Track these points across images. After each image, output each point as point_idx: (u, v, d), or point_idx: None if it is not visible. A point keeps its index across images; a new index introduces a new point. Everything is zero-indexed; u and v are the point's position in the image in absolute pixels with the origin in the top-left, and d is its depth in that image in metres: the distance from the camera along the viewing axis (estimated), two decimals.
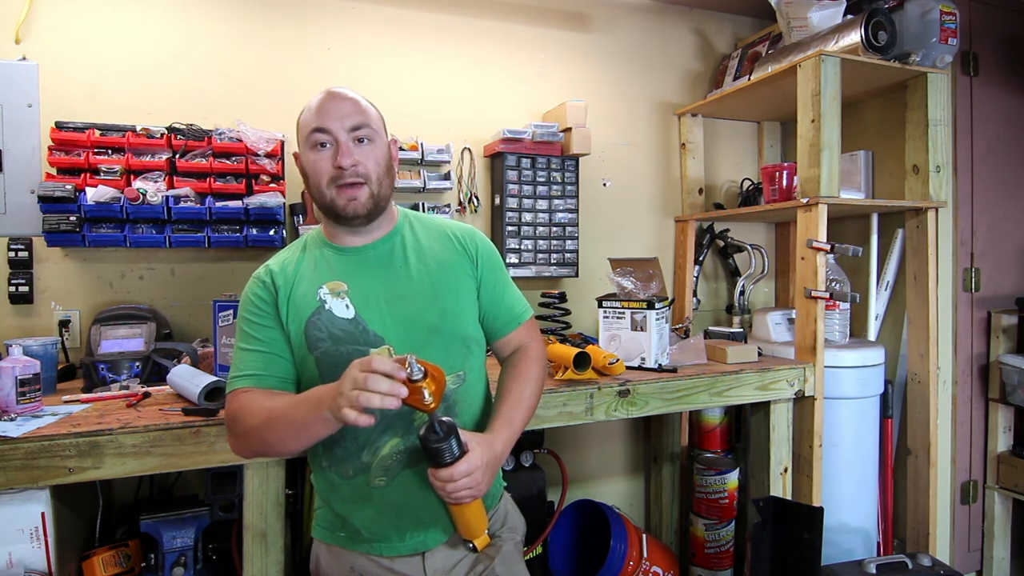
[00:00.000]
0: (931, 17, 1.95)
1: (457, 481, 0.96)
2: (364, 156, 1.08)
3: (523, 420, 1.14)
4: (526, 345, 1.24)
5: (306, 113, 1.10)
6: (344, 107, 1.08)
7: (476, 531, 1.06)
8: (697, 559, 2.29)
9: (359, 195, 1.08)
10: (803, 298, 1.95)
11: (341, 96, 1.09)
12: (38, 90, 1.76)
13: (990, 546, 2.36)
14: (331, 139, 1.07)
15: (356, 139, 1.08)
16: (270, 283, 1.12)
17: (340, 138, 1.06)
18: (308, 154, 1.09)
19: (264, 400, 1.03)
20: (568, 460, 2.18)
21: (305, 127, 1.09)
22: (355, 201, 1.08)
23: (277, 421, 0.98)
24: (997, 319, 2.34)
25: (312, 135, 1.07)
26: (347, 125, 1.07)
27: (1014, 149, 2.42)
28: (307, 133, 1.08)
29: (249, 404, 1.03)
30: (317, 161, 1.08)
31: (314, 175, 1.09)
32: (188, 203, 1.74)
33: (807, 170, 1.94)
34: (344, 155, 1.05)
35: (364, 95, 1.13)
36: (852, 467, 2.05)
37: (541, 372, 1.23)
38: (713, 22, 2.64)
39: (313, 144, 1.08)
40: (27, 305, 1.79)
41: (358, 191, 1.08)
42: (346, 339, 1.07)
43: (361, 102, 1.11)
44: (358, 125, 1.08)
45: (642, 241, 2.55)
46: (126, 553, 1.47)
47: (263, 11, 2.01)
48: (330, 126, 1.06)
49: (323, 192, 1.08)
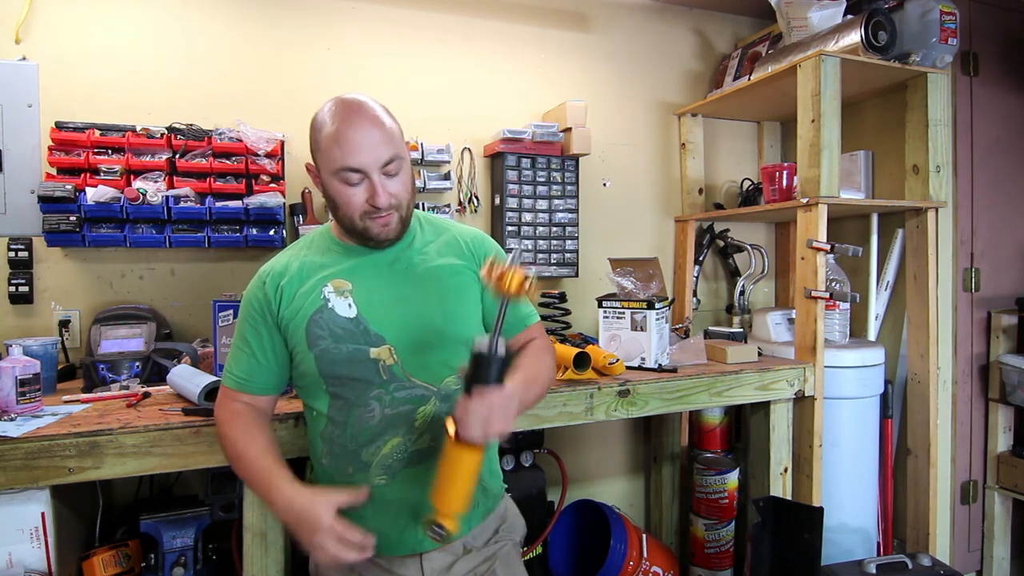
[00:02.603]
0: (931, 17, 1.95)
1: (493, 405, 0.93)
2: (395, 187, 1.06)
3: (535, 396, 1.12)
4: (534, 339, 1.23)
5: (327, 140, 1.04)
6: (374, 137, 1.03)
7: (455, 505, 0.98)
8: (697, 559, 2.29)
9: (391, 221, 1.08)
10: (803, 298, 1.95)
11: (367, 119, 1.04)
12: (38, 90, 1.76)
13: (990, 546, 2.36)
14: (364, 177, 1.04)
15: (388, 174, 1.05)
16: (270, 286, 1.12)
17: (374, 177, 1.03)
18: (338, 186, 1.05)
19: (241, 438, 1.10)
20: (568, 460, 2.18)
21: (332, 160, 1.03)
22: (388, 227, 1.08)
23: (240, 470, 1.10)
24: (997, 319, 2.34)
25: (343, 173, 1.03)
26: (380, 161, 1.03)
27: (1014, 149, 2.42)
28: (335, 168, 1.03)
29: (232, 429, 1.11)
30: (350, 196, 1.05)
31: (347, 208, 1.06)
32: (188, 203, 1.74)
33: (807, 170, 1.94)
34: (380, 196, 1.04)
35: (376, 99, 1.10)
36: (852, 467, 2.05)
37: (551, 362, 1.22)
38: (713, 22, 2.64)
39: (344, 180, 1.04)
40: (27, 305, 1.79)
41: (390, 219, 1.08)
42: (346, 337, 1.08)
43: (385, 123, 1.06)
44: (390, 159, 1.04)
45: (642, 241, 2.55)
46: (126, 553, 1.47)
47: (263, 11, 2.01)
48: (363, 164, 1.02)
49: (355, 222, 1.07)
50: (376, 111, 1.06)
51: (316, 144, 1.07)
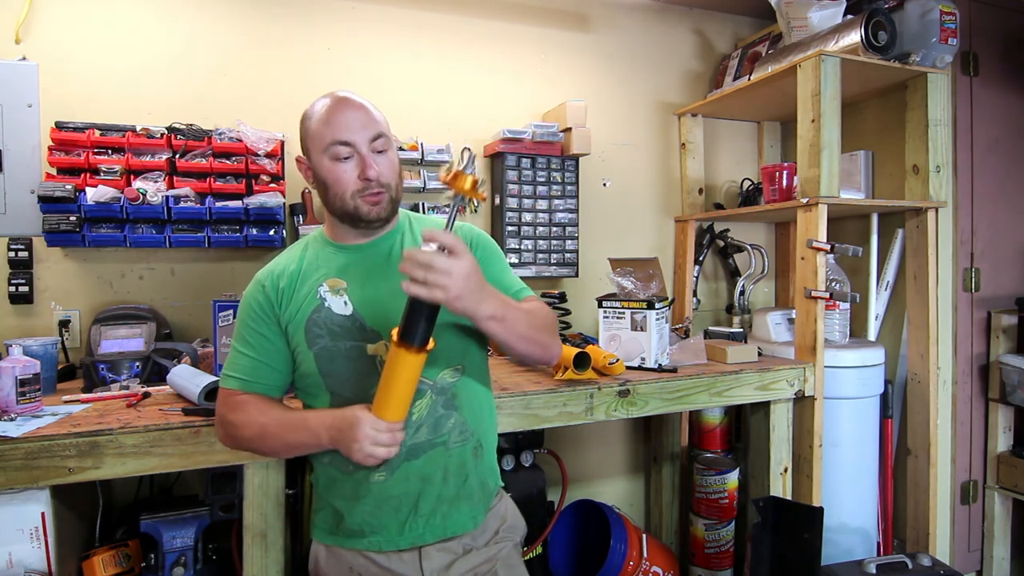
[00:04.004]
0: (931, 17, 1.95)
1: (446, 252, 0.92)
2: (384, 166, 1.10)
3: (517, 310, 1.06)
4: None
5: (317, 123, 1.09)
6: (360, 117, 1.08)
7: (388, 412, 0.98)
8: (697, 559, 2.29)
9: (382, 201, 1.11)
10: (803, 298, 1.95)
11: (354, 104, 1.09)
12: (38, 90, 1.76)
13: (990, 546, 2.36)
14: (352, 151, 1.07)
15: (375, 150, 1.09)
16: (270, 288, 1.14)
17: (363, 151, 1.07)
18: (328, 164, 1.09)
19: (257, 414, 1.09)
20: (568, 460, 2.18)
21: (321, 138, 1.08)
22: (378, 206, 1.10)
23: (271, 438, 1.08)
24: (997, 319, 2.34)
25: (333, 147, 1.07)
26: (368, 136, 1.08)
27: (1014, 149, 2.42)
28: (326, 144, 1.07)
29: (243, 414, 1.10)
30: (341, 173, 1.08)
31: (337, 185, 1.09)
32: (188, 203, 1.74)
33: (807, 170, 1.94)
34: (370, 168, 1.07)
35: (365, 96, 1.13)
36: (852, 467, 2.05)
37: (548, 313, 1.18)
38: (713, 22, 2.64)
39: (334, 156, 1.08)
40: (27, 305, 1.79)
41: (381, 198, 1.10)
42: (343, 335, 1.09)
43: (372, 110, 1.11)
44: (377, 135, 1.09)
45: (642, 241, 2.55)
46: (126, 553, 1.47)
47: (263, 11, 2.01)
48: (353, 139, 1.07)
49: (347, 202, 1.09)
50: (361, 99, 1.12)
51: (306, 131, 1.12)
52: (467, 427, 1.13)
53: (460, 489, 1.12)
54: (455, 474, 1.12)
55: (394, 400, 0.99)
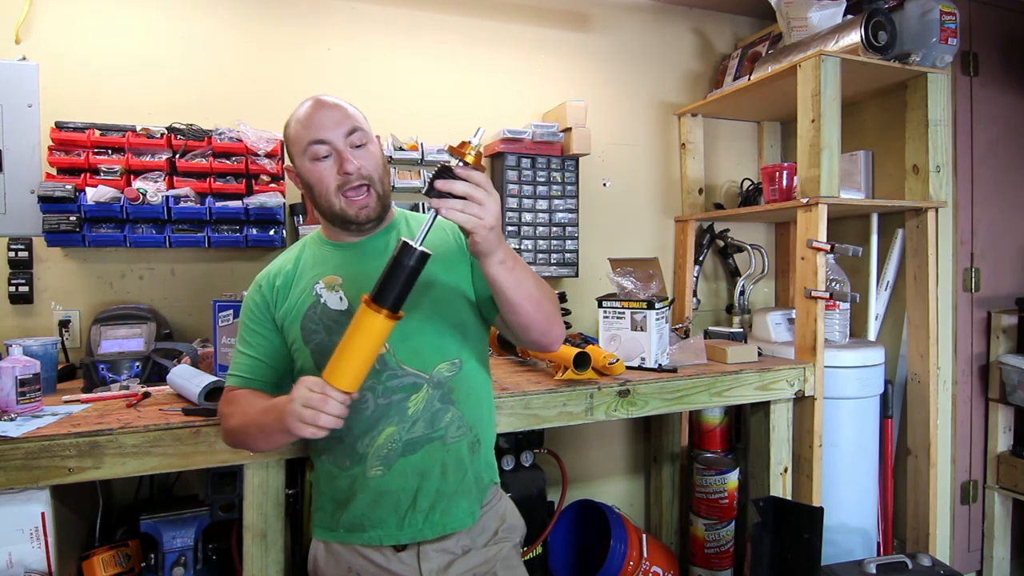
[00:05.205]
0: (931, 17, 1.95)
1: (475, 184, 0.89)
2: (364, 159, 1.10)
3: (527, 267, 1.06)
4: None
5: (295, 126, 1.11)
6: (334, 115, 1.09)
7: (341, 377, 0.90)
8: (697, 559, 2.29)
9: (368, 201, 1.11)
10: (803, 298, 1.95)
11: (327, 104, 1.11)
12: (38, 90, 1.75)
13: (990, 546, 2.36)
14: (330, 149, 1.08)
15: (353, 144, 1.09)
16: (266, 288, 1.17)
17: (339, 146, 1.08)
18: (308, 166, 1.10)
19: (245, 405, 1.11)
20: (568, 460, 2.18)
21: (299, 140, 1.09)
22: (366, 208, 1.11)
23: (250, 426, 1.06)
24: (997, 319, 2.34)
25: (311, 148, 1.08)
26: (343, 132, 1.09)
27: (1014, 149, 2.42)
28: (304, 146, 1.09)
29: (234, 405, 1.13)
30: (322, 171, 1.09)
31: (319, 185, 1.10)
32: (188, 203, 1.74)
33: (807, 170, 1.94)
34: (347, 161, 1.07)
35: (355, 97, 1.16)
36: (852, 467, 2.05)
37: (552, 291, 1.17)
38: (713, 22, 2.64)
39: (313, 156, 1.09)
40: (27, 305, 1.79)
41: (367, 198, 1.10)
42: (338, 330, 1.09)
43: (346, 107, 1.12)
44: (352, 129, 1.10)
45: (642, 241, 2.55)
46: (126, 553, 1.47)
47: (263, 11, 2.01)
48: (327, 136, 1.08)
49: (331, 201, 1.10)
50: (337, 99, 1.13)
51: (288, 138, 1.13)
52: (465, 422, 1.14)
53: (459, 484, 1.13)
54: (454, 469, 1.12)
55: (350, 366, 0.90)
